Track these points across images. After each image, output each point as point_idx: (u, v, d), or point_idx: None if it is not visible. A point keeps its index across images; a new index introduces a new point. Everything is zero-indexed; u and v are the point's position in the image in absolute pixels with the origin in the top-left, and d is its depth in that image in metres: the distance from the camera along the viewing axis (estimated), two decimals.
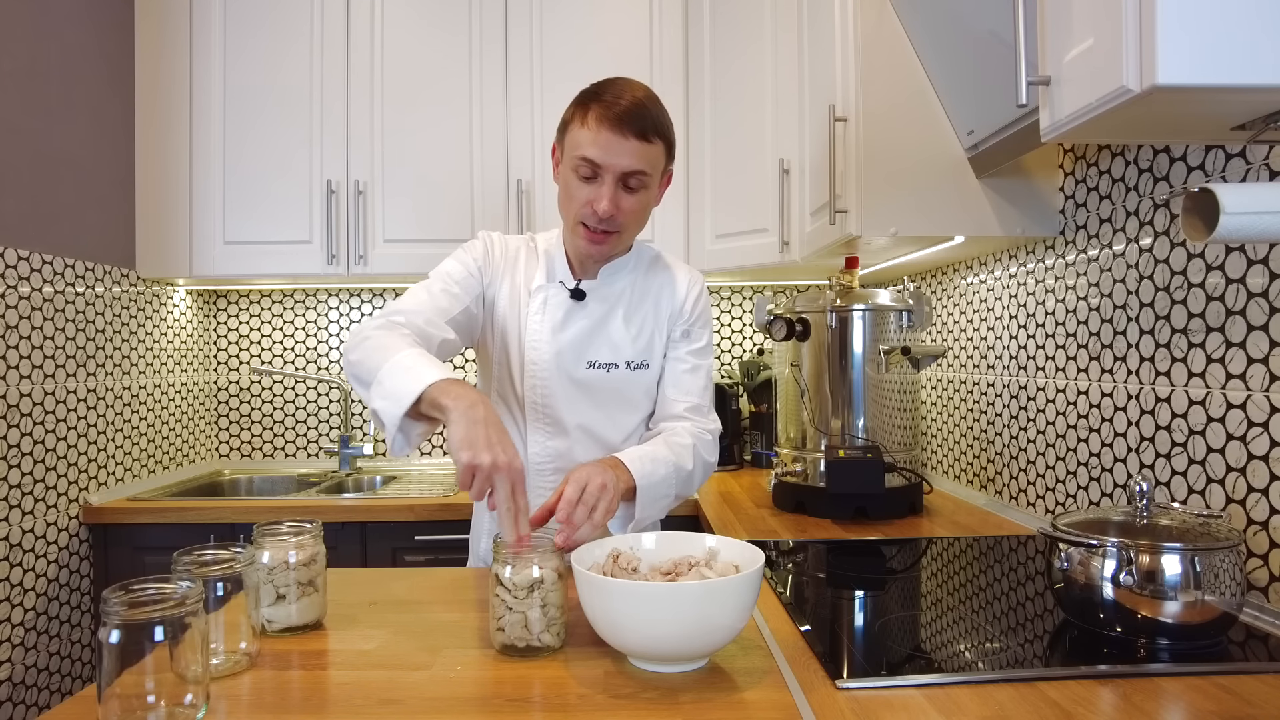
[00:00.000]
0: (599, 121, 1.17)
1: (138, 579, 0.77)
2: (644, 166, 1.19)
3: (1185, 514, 1.00)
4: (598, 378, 1.32)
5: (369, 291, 2.78)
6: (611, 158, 1.17)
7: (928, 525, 1.66)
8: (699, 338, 1.38)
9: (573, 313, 1.32)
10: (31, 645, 1.93)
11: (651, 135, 1.18)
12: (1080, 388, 1.52)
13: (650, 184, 1.23)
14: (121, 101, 2.31)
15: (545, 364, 1.31)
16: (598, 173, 1.19)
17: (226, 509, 2.08)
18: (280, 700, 0.82)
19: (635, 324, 1.34)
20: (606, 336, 1.33)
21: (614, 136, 1.16)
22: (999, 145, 1.46)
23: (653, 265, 1.39)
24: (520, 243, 1.38)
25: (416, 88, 2.40)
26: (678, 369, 1.36)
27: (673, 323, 1.37)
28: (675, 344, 1.37)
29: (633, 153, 1.17)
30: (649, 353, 1.35)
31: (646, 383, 1.36)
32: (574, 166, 1.20)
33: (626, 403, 1.35)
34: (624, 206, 1.21)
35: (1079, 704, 0.78)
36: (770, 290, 2.86)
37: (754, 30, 2.25)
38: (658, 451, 1.22)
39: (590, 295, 1.32)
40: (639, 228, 1.29)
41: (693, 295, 1.37)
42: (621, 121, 1.16)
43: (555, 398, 1.32)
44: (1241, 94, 0.79)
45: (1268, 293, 1.08)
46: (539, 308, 1.32)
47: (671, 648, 0.84)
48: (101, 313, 2.20)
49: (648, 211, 1.28)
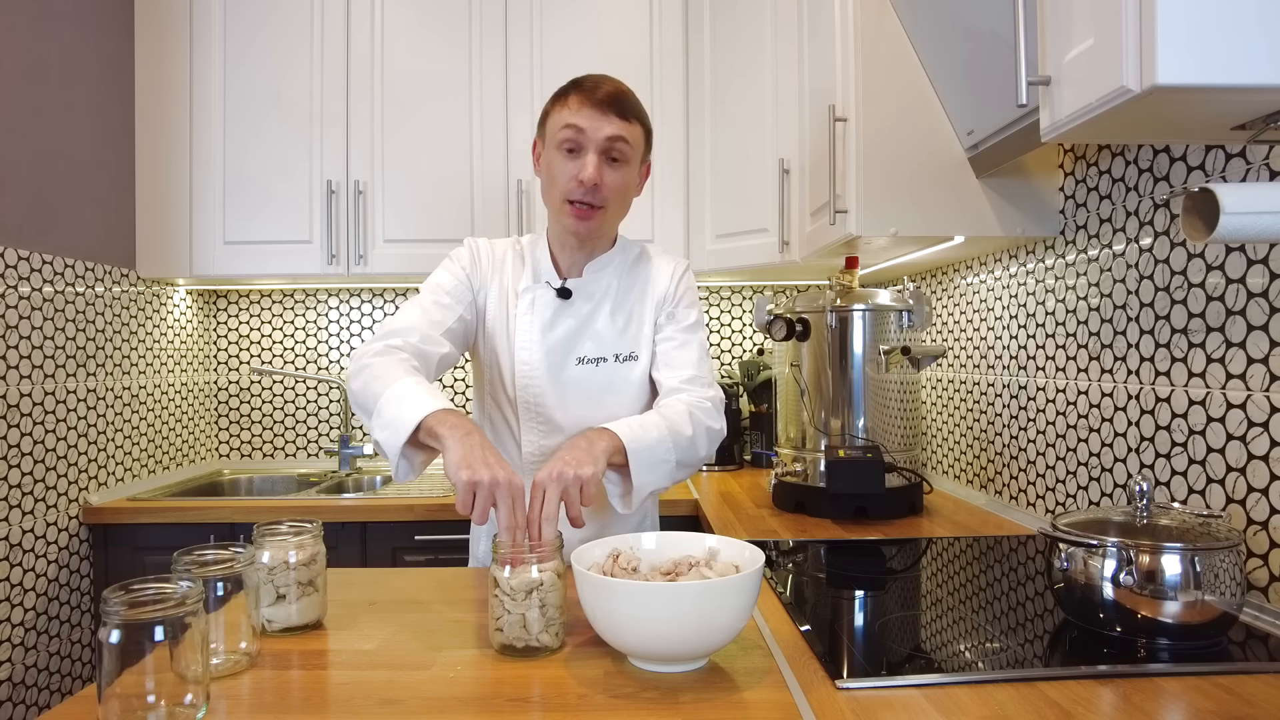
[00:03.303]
0: (580, 102, 1.23)
1: (138, 579, 0.77)
2: (626, 135, 1.24)
3: (1185, 514, 1.00)
4: (587, 373, 1.33)
5: (369, 291, 2.78)
6: (595, 125, 1.22)
7: (928, 525, 1.66)
8: (686, 317, 1.37)
9: (560, 311, 1.33)
10: (31, 645, 1.93)
11: (631, 117, 1.25)
12: (1080, 388, 1.52)
13: (632, 158, 1.27)
14: (121, 101, 2.31)
15: (535, 364, 1.32)
16: (581, 143, 1.23)
17: (226, 509, 2.08)
18: (280, 700, 0.82)
19: (622, 317, 1.35)
20: (593, 332, 1.34)
21: (595, 112, 1.22)
22: (999, 145, 1.46)
23: (638, 260, 1.40)
24: (506, 246, 1.40)
25: (416, 87, 2.40)
26: (667, 348, 1.35)
27: (658, 310, 1.37)
28: (662, 327, 1.37)
29: (614, 124, 1.23)
30: (637, 343, 1.35)
31: (638, 374, 1.35)
32: (558, 142, 1.24)
33: (619, 396, 1.35)
34: (607, 180, 1.24)
35: (1079, 704, 0.78)
36: (770, 290, 2.86)
37: (754, 30, 2.24)
38: (647, 417, 1.22)
39: (576, 293, 1.33)
40: (622, 210, 1.31)
41: (675, 278, 1.38)
42: (602, 103, 1.23)
43: (546, 397, 1.33)
44: (1241, 94, 0.79)
45: (1268, 293, 1.08)
46: (526, 309, 1.33)
47: (671, 648, 0.84)
48: (101, 313, 2.20)
49: (630, 193, 1.31)
